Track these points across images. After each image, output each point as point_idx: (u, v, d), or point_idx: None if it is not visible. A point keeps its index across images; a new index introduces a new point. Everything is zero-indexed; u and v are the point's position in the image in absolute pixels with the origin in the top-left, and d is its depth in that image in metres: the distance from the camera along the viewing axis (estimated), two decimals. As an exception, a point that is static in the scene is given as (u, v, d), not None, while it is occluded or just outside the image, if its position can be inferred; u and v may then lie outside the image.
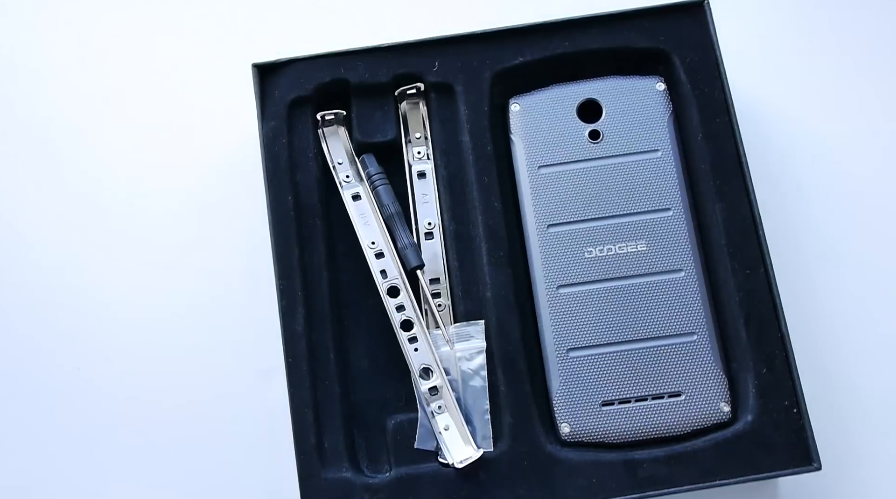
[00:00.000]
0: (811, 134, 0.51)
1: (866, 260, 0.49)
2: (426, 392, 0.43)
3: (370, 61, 0.47)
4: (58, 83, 0.54)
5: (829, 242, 0.49)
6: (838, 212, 0.50)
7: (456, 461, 0.41)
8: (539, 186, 0.46)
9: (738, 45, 0.51)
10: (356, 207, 0.47)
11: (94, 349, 0.49)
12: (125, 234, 0.51)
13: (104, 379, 0.49)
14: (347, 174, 0.47)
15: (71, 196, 0.52)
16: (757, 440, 0.41)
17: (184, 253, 0.51)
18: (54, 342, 0.49)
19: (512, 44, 0.47)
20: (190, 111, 0.53)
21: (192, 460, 0.47)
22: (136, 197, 0.52)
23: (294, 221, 0.45)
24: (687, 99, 0.46)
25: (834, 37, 0.53)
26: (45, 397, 0.49)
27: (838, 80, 0.52)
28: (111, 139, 0.53)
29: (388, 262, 0.45)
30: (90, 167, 0.52)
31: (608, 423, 0.42)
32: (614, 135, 0.46)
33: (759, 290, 0.43)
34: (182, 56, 0.54)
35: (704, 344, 0.43)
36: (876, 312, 0.48)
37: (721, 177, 0.45)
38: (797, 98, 0.52)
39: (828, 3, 0.54)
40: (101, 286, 0.50)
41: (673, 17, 0.47)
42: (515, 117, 0.47)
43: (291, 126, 0.47)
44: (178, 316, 0.50)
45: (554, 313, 0.44)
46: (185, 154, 0.52)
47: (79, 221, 0.51)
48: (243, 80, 0.47)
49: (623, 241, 0.44)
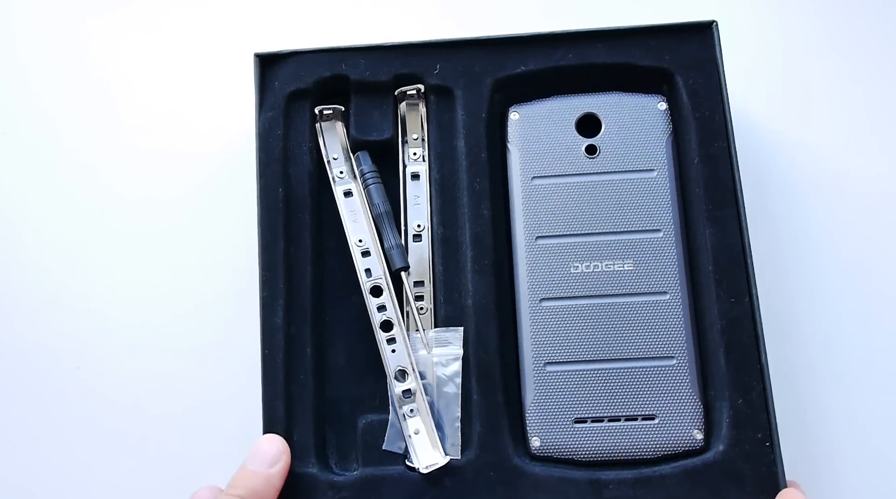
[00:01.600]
0: (811, 165, 0.50)
1: (855, 297, 0.48)
2: (400, 395, 0.43)
3: (372, 59, 0.47)
4: (55, 71, 0.54)
5: (817, 276, 0.49)
6: (830, 246, 0.49)
7: (422, 466, 0.41)
8: (531, 197, 0.45)
9: (745, 69, 0.51)
10: (347, 203, 0.46)
11: (93, 348, 0.49)
12: (120, 224, 0.51)
13: (103, 377, 0.49)
14: (341, 170, 0.47)
15: (65, 188, 0.52)
16: (726, 471, 0.41)
17: (180, 243, 0.51)
18: (54, 341, 0.49)
19: (516, 52, 0.47)
20: (190, 100, 0.53)
21: (192, 460, 0.47)
22: (135, 188, 0.52)
23: (283, 213, 0.45)
24: (687, 120, 0.46)
25: (845, 66, 0.52)
26: (44, 395, 0.49)
27: (844, 111, 0.51)
28: (107, 129, 0.53)
29: (373, 261, 0.45)
30: (87, 157, 0.52)
31: (579, 440, 0.42)
32: (611, 151, 0.46)
33: (743, 319, 0.43)
34: (185, 43, 0.54)
35: (683, 369, 0.43)
36: (857, 351, 0.47)
37: (714, 202, 0.44)
38: (799, 126, 0.51)
39: (838, 32, 0.53)
40: (97, 281, 0.50)
41: (680, 37, 0.47)
42: (513, 126, 0.47)
43: (288, 118, 0.47)
44: (174, 309, 0.49)
45: (534, 326, 0.44)
46: (184, 144, 0.52)
47: (72, 212, 0.51)
48: (245, 70, 0.47)
49: (610, 258, 0.44)
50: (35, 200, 0.52)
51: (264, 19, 0.55)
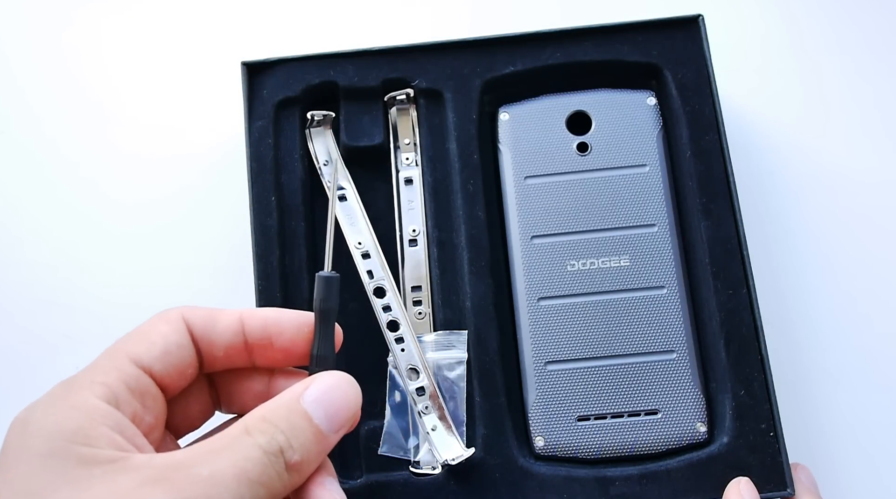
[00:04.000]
0: (802, 155, 0.51)
1: (851, 285, 0.48)
2: (413, 392, 0.43)
3: (360, 65, 0.47)
4: (45, 74, 0.54)
5: (813, 264, 0.49)
6: (824, 234, 0.49)
7: (448, 459, 0.41)
8: (524, 197, 0.45)
9: (732, 62, 0.51)
10: (342, 207, 0.46)
11: (92, 347, 0.48)
12: (114, 227, 0.51)
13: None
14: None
15: (59, 190, 0.52)
16: (732, 462, 0.41)
17: (169, 250, 0.50)
18: (51, 340, 0.49)
19: (504, 52, 0.47)
20: (178, 109, 0.53)
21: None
22: (127, 191, 0.51)
23: (276, 222, 0.45)
24: (677, 114, 0.46)
25: (831, 57, 0.53)
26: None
27: (833, 100, 0.52)
28: (98, 132, 0.53)
29: (374, 262, 0.45)
30: (78, 165, 0.52)
31: (583, 438, 0.42)
32: (603, 148, 0.46)
33: (741, 310, 0.43)
34: (172, 52, 0.54)
35: (684, 363, 0.43)
36: (856, 339, 0.48)
37: (708, 195, 0.44)
38: (789, 117, 0.51)
39: (825, 21, 0.53)
40: (93, 281, 0.50)
41: (667, 32, 0.47)
42: (504, 126, 0.47)
43: (278, 126, 0.46)
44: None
45: (533, 326, 0.43)
46: (173, 152, 0.52)
47: (66, 214, 0.51)
48: (232, 79, 0.47)
49: (606, 255, 0.44)
50: (28, 201, 0.52)
51: (251, 26, 0.54)
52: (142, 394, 0.30)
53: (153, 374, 0.31)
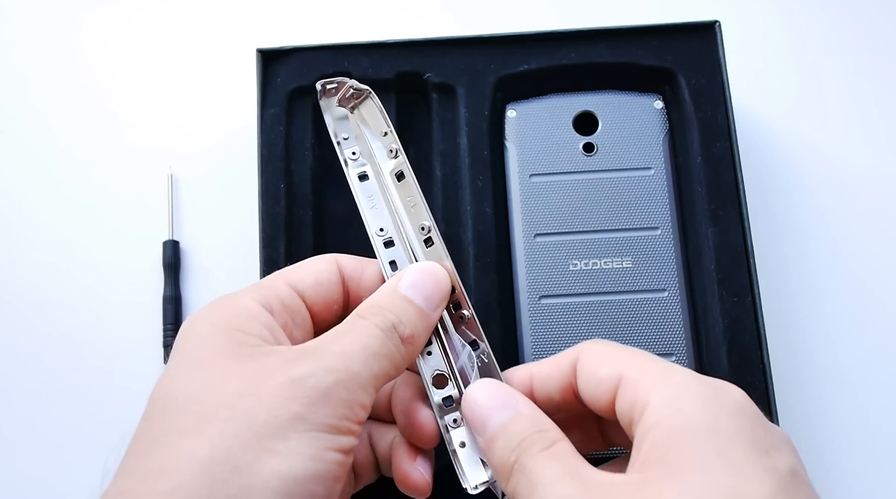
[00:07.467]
0: (813, 164, 0.50)
1: (857, 297, 0.48)
2: (440, 404, 0.36)
3: (375, 56, 0.47)
4: (51, 69, 0.54)
5: (819, 275, 0.48)
6: (833, 246, 0.49)
7: (471, 486, 0.35)
8: (529, 195, 0.45)
9: (746, 69, 0.50)
10: (363, 188, 0.40)
11: (92, 347, 0.49)
12: (118, 223, 0.51)
13: (103, 376, 0.48)
14: (354, 151, 0.40)
15: (64, 187, 0.52)
16: (726, 471, 0.40)
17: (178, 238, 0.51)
18: (53, 340, 0.49)
19: (518, 50, 0.47)
20: (191, 95, 0.53)
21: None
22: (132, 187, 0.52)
23: (284, 210, 0.45)
24: (689, 120, 0.45)
25: (845, 67, 0.52)
26: (43, 394, 0.48)
27: (846, 109, 0.51)
28: (105, 126, 0.53)
29: (398, 251, 0.38)
30: (84, 156, 0.52)
31: (576, 439, 0.41)
32: (608, 149, 0.45)
33: (745, 318, 0.42)
34: (188, 38, 0.55)
35: (682, 366, 0.42)
36: (859, 350, 0.47)
37: (716, 202, 0.44)
38: (802, 126, 0.51)
39: (842, 30, 0.53)
40: (96, 280, 0.50)
41: (682, 37, 0.47)
42: (511, 124, 0.47)
43: (290, 115, 0.47)
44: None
45: (534, 324, 0.43)
46: (184, 139, 0.52)
47: (70, 211, 0.51)
48: (247, 66, 0.48)
49: (609, 256, 0.44)
50: (33, 198, 0.52)
51: (266, 15, 0.55)
52: (293, 312, 0.35)
53: (305, 298, 0.36)
